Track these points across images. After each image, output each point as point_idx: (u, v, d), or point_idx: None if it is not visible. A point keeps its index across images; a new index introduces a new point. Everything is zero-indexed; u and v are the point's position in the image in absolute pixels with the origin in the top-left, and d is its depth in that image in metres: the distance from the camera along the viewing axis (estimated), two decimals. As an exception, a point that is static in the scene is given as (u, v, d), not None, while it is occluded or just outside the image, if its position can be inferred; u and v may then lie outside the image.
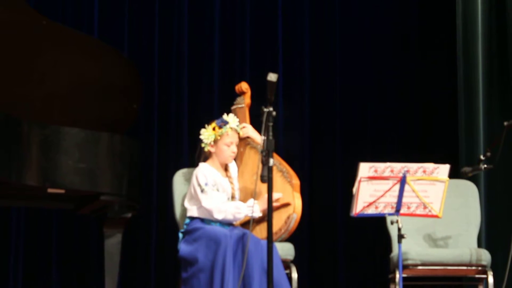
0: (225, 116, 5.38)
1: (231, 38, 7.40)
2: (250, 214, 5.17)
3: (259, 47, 7.41)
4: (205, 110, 7.16)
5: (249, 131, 5.48)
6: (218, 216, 5.21)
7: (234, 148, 5.36)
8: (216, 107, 7.10)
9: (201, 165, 5.35)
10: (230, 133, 5.34)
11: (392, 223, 5.10)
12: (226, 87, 7.02)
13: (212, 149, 5.35)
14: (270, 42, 7.43)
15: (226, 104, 5.71)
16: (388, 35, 7.51)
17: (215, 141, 5.34)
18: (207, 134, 5.34)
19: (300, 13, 7.49)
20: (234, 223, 5.31)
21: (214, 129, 5.33)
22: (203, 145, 5.36)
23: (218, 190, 5.28)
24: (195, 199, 5.27)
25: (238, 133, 5.40)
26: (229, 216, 5.23)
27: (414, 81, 7.44)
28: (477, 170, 5.68)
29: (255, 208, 5.16)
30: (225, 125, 5.33)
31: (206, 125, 5.37)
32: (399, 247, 5.06)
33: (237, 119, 5.41)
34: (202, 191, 5.23)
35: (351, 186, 5.03)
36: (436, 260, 5.53)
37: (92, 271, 6.96)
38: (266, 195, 5.08)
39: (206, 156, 5.39)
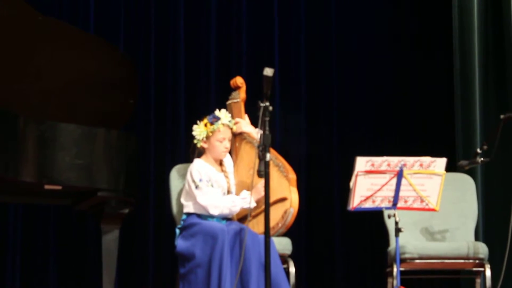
0: (217, 112, 5.37)
1: (227, 33, 7.40)
2: (244, 206, 5.18)
3: (256, 42, 7.40)
4: (202, 105, 7.15)
5: (242, 126, 5.47)
6: (214, 211, 5.21)
7: (227, 144, 5.35)
8: (213, 103, 7.09)
9: (196, 161, 5.35)
10: (222, 129, 5.33)
11: (389, 217, 5.10)
12: (222, 83, 7.00)
13: (205, 145, 5.35)
14: (266, 37, 7.43)
15: (222, 100, 5.70)
16: (385, 28, 7.51)
17: (207, 137, 5.33)
18: (199, 131, 5.34)
19: (296, 8, 7.48)
20: (230, 217, 5.31)
21: (206, 125, 5.33)
22: (195, 141, 5.36)
23: (212, 186, 5.28)
24: (190, 195, 5.27)
25: (231, 129, 5.39)
26: (225, 211, 5.23)
27: (411, 74, 7.44)
28: (474, 164, 5.68)
29: (248, 199, 5.17)
30: (216, 121, 5.32)
31: (198, 122, 5.36)
32: (397, 241, 5.06)
33: (229, 115, 5.40)
34: (196, 187, 5.23)
35: (348, 180, 5.04)
36: (434, 253, 5.54)
37: (89, 267, 6.96)
38: (258, 185, 5.11)
39: (200, 152, 5.39)
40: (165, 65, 7.29)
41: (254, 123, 5.23)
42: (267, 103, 4.61)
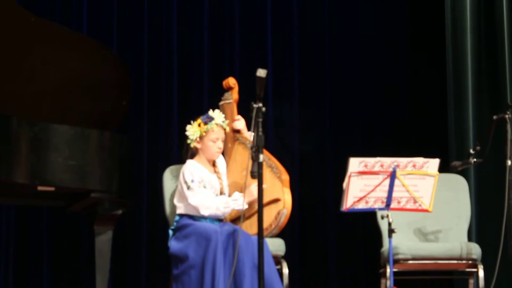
0: (210, 112, 5.37)
1: (220, 34, 7.40)
2: (236, 207, 5.18)
3: (249, 43, 7.40)
4: (195, 106, 7.15)
5: (243, 123, 5.46)
6: (205, 212, 5.20)
7: (220, 144, 5.35)
8: (206, 104, 7.09)
9: (188, 162, 5.34)
10: (216, 129, 5.32)
11: (382, 217, 5.11)
12: (215, 84, 6.99)
13: (198, 145, 5.34)
14: (259, 37, 7.43)
15: (215, 101, 5.70)
16: (378, 29, 7.51)
17: (201, 137, 5.32)
18: (192, 131, 5.34)
19: (289, 9, 7.48)
20: (223, 218, 5.31)
21: (199, 125, 5.33)
22: (189, 141, 5.35)
23: (205, 187, 5.28)
24: (183, 196, 5.27)
25: (224, 129, 5.39)
26: (216, 212, 5.22)
27: (404, 75, 7.44)
28: (467, 164, 5.69)
29: (240, 201, 5.16)
30: (210, 121, 5.32)
31: (192, 122, 5.36)
32: (390, 242, 5.06)
33: (223, 115, 5.40)
34: (188, 188, 5.23)
35: (341, 181, 5.04)
36: (427, 254, 5.54)
37: (83, 268, 6.96)
38: (251, 187, 5.11)
39: (193, 153, 5.38)
40: (158, 66, 7.29)
41: (247, 124, 5.23)
42: (260, 104, 4.61)
